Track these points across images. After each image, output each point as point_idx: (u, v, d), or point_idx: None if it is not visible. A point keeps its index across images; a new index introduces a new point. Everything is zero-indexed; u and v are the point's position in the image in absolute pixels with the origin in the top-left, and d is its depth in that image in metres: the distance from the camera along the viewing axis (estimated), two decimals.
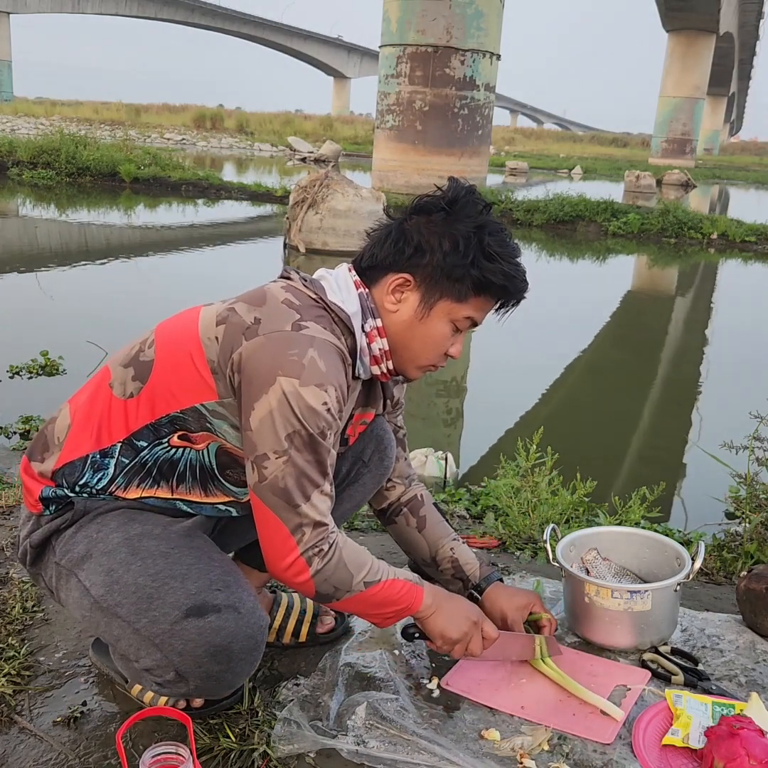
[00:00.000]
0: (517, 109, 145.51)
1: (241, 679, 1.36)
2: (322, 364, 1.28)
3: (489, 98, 16.98)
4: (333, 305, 1.38)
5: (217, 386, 1.32)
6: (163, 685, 1.33)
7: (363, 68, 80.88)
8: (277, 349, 1.27)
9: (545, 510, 2.54)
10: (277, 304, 1.34)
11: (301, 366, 1.26)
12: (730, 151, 72.20)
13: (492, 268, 1.38)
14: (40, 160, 15.61)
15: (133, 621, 1.30)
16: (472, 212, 1.39)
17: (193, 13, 59.97)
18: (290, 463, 1.28)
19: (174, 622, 1.27)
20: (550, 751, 1.40)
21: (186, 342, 1.36)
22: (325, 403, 1.28)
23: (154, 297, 7.30)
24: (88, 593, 1.35)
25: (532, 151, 45.44)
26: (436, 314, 1.40)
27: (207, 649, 1.27)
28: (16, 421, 3.70)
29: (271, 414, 1.26)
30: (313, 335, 1.30)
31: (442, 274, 1.38)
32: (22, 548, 1.46)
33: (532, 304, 1.62)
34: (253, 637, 1.31)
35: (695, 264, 12.43)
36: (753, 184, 34.95)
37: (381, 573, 1.39)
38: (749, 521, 2.32)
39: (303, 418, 1.26)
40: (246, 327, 1.30)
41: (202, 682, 1.30)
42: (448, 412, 5.06)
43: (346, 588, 1.35)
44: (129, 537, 1.36)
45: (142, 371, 1.38)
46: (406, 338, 1.43)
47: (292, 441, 1.27)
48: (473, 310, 1.42)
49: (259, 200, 15.44)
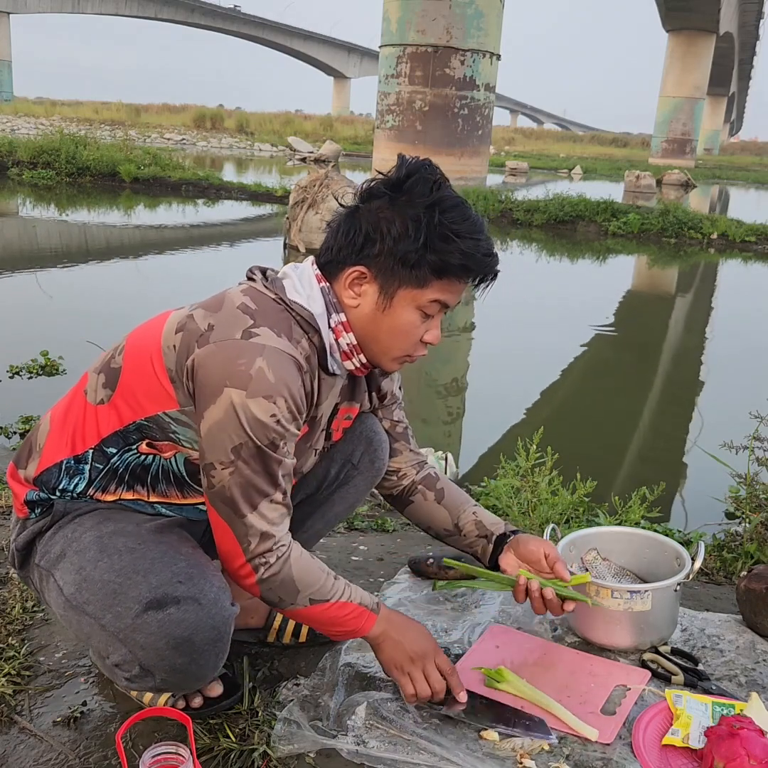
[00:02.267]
0: (517, 109, 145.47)
1: (208, 671, 1.34)
2: (271, 375, 1.24)
3: (489, 98, 16.98)
4: (294, 305, 1.34)
5: (177, 395, 1.31)
6: (132, 680, 1.33)
7: (363, 68, 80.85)
8: (225, 358, 1.24)
9: (545, 510, 2.54)
10: (231, 310, 1.30)
11: (248, 377, 1.23)
12: (730, 151, 72.16)
13: (448, 249, 1.30)
14: (40, 160, 15.61)
15: (100, 617, 1.30)
16: (423, 190, 1.30)
17: (193, 13, 59.96)
18: (236, 474, 1.26)
19: (135, 615, 1.27)
20: (550, 751, 1.40)
21: (149, 349, 1.34)
22: (274, 414, 1.25)
23: (153, 297, 7.30)
24: (62, 592, 1.36)
25: (532, 151, 45.43)
26: (399, 304, 1.34)
27: (168, 642, 1.26)
28: (16, 421, 3.70)
29: (218, 424, 1.25)
30: (264, 344, 1.26)
31: (395, 262, 1.31)
32: (10, 552, 1.48)
33: (533, 304, 1.62)
34: (216, 628, 1.29)
35: (695, 264, 12.42)
36: (753, 184, 34.93)
37: (332, 593, 1.36)
38: (749, 521, 2.32)
39: (250, 430, 1.24)
40: (200, 334, 1.28)
41: (167, 675, 1.30)
42: (448, 412, 5.06)
43: (290, 601, 1.34)
44: (101, 535, 1.36)
45: (111, 378, 1.37)
46: (373, 331, 1.37)
47: (239, 453, 1.25)
48: (438, 293, 1.34)
49: (259, 200, 15.43)
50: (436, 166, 1.36)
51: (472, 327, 7.08)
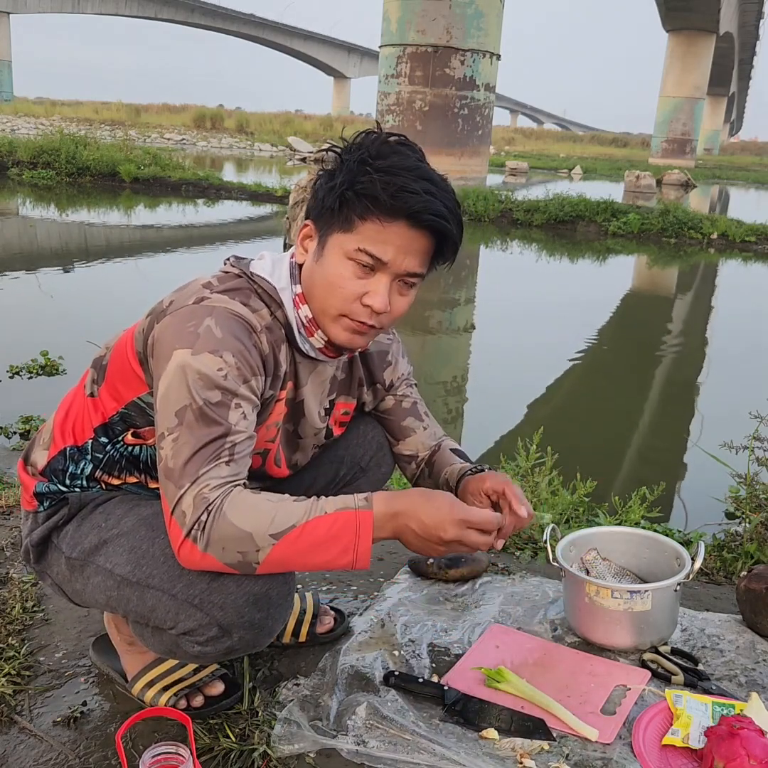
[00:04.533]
0: (517, 109, 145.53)
1: (279, 625, 1.34)
2: (218, 331, 1.22)
3: (489, 98, 16.99)
4: (256, 277, 1.34)
5: (145, 377, 1.33)
6: (206, 644, 1.30)
7: (363, 68, 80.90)
8: (177, 323, 1.25)
9: (545, 510, 2.54)
10: (195, 286, 1.31)
11: (196, 335, 1.22)
12: (730, 151, 72.19)
13: (365, 180, 1.22)
14: (40, 160, 15.62)
15: (168, 588, 1.30)
16: (366, 143, 1.27)
17: (193, 13, 59.99)
18: (179, 441, 1.19)
19: (211, 580, 1.27)
20: (550, 751, 1.40)
21: (127, 339, 1.37)
22: (220, 369, 1.20)
23: (153, 297, 7.27)
24: (113, 574, 1.35)
25: (532, 151, 45.45)
26: (329, 251, 1.29)
27: (248, 599, 1.26)
28: (16, 421, 3.70)
29: (168, 389, 1.22)
30: (214, 305, 1.26)
31: (323, 207, 1.28)
32: (24, 547, 1.48)
33: (533, 304, 1.62)
34: (286, 582, 1.31)
35: (695, 264, 12.42)
36: (753, 184, 34.93)
37: (295, 517, 1.19)
38: (749, 521, 2.32)
39: (194, 388, 1.19)
40: (161, 311, 1.30)
41: (245, 632, 1.29)
42: (448, 411, 5.06)
43: (253, 548, 1.18)
44: (143, 517, 1.37)
45: (100, 372, 1.41)
46: (310, 286, 1.32)
47: (183, 416, 1.20)
48: (366, 241, 1.25)
49: (259, 200, 15.43)
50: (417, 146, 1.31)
51: (472, 327, 7.08)
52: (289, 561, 1.21)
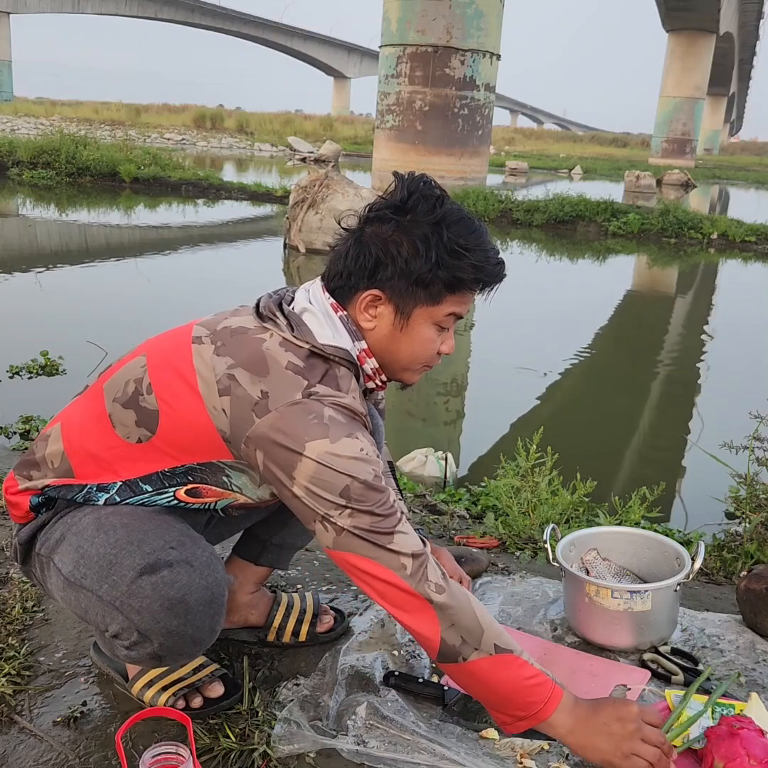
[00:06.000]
0: (517, 109, 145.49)
1: (204, 635, 1.33)
2: (342, 418, 1.26)
3: (489, 98, 16.97)
4: (328, 348, 1.32)
5: (232, 452, 1.31)
6: (131, 648, 1.33)
7: (363, 68, 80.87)
8: (295, 418, 1.24)
9: (545, 510, 2.54)
10: (281, 372, 1.27)
11: (325, 426, 1.23)
12: (730, 151, 72.16)
13: (460, 265, 1.32)
14: (40, 160, 15.61)
15: (96, 589, 1.31)
16: (426, 208, 1.32)
17: (193, 13, 59.96)
18: (356, 512, 1.24)
19: (130, 582, 1.28)
20: (550, 751, 1.40)
21: (190, 405, 1.30)
22: (362, 449, 1.25)
23: (154, 297, 7.30)
24: (60, 573, 1.37)
25: (532, 151, 45.42)
26: (416, 321, 1.36)
27: (162, 603, 1.27)
28: (16, 421, 3.70)
29: (315, 479, 1.23)
30: (324, 399, 1.27)
31: (409, 283, 1.32)
32: (13, 547, 1.49)
33: (533, 303, 1.62)
34: (208, 588, 1.30)
35: (695, 264, 12.42)
36: (753, 184, 34.91)
37: (514, 645, 1.28)
38: (749, 521, 2.32)
39: (348, 471, 1.23)
40: (254, 403, 1.25)
41: (164, 638, 1.30)
42: (448, 412, 5.06)
43: (475, 643, 1.25)
44: (98, 516, 1.37)
45: (147, 420, 1.33)
46: (392, 351, 1.39)
47: (350, 494, 1.23)
48: (452, 307, 1.37)
49: (259, 200, 15.43)
50: (431, 179, 1.37)
51: (472, 327, 7.08)
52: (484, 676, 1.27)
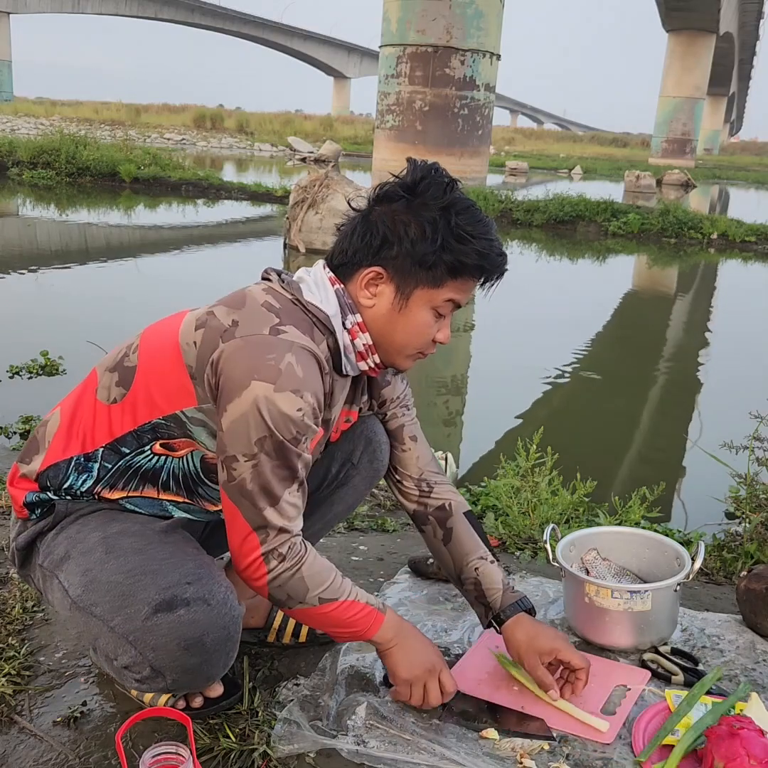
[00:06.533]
0: (517, 109, 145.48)
1: (218, 671, 1.35)
2: (300, 370, 1.26)
3: (489, 98, 16.96)
4: (310, 306, 1.36)
5: (196, 391, 1.32)
6: (142, 681, 1.33)
7: (363, 68, 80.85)
8: (253, 352, 1.26)
9: (545, 510, 2.54)
10: (256, 307, 1.32)
11: (278, 371, 1.24)
12: (730, 151, 72.13)
13: (464, 250, 1.33)
14: (40, 160, 15.60)
15: (108, 619, 1.30)
16: (436, 193, 1.33)
17: (193, 13, 59.95)
18: (258, 467, 1.27)
19: (145, 618, 1.27)
20: (550, 751, 1.40)
21: (166, 347, 1.35)
22: (300, 409, 1.26)
23: (154, 297, 7.30)
24: (67, 594, 1.36)
25: (532, 151, 45.41)
26: (415, 303, 1.37)
27: (179, 643, 1.27)
28: (16, 421, 3.70)
29: (244, 417, 1.25)
30: (292, 340, 1.28)
31: (413, 263, 1.34)
32: (11, 551, 1.48)
33: (533, 303, 1.62)
34: (225, 627, 1.30)
35: (695, 264, 12.42)
36: (753, 184, 34.92)
37: (341, 592, 1.35)
38: (749, 521, 2.32)
39: (275, 424, 1.24)
40: (224, 330, 1.29)
41: (179, 675, 1.31)
42: (448, 412, 5.06)
43: (299, 599, 1.33)
44: (106, 536, 1.37)
45: (125, 377, 1.38)
46: (389, 331, 1.39)
47: (262, 446, 1.26)
48: (453, 293, 1.38)
49: (259, 200, 15.43)
50: (443, 168, 1.38)
51: (472, 327, 7.08)
52: (310, 619, 1.38)
